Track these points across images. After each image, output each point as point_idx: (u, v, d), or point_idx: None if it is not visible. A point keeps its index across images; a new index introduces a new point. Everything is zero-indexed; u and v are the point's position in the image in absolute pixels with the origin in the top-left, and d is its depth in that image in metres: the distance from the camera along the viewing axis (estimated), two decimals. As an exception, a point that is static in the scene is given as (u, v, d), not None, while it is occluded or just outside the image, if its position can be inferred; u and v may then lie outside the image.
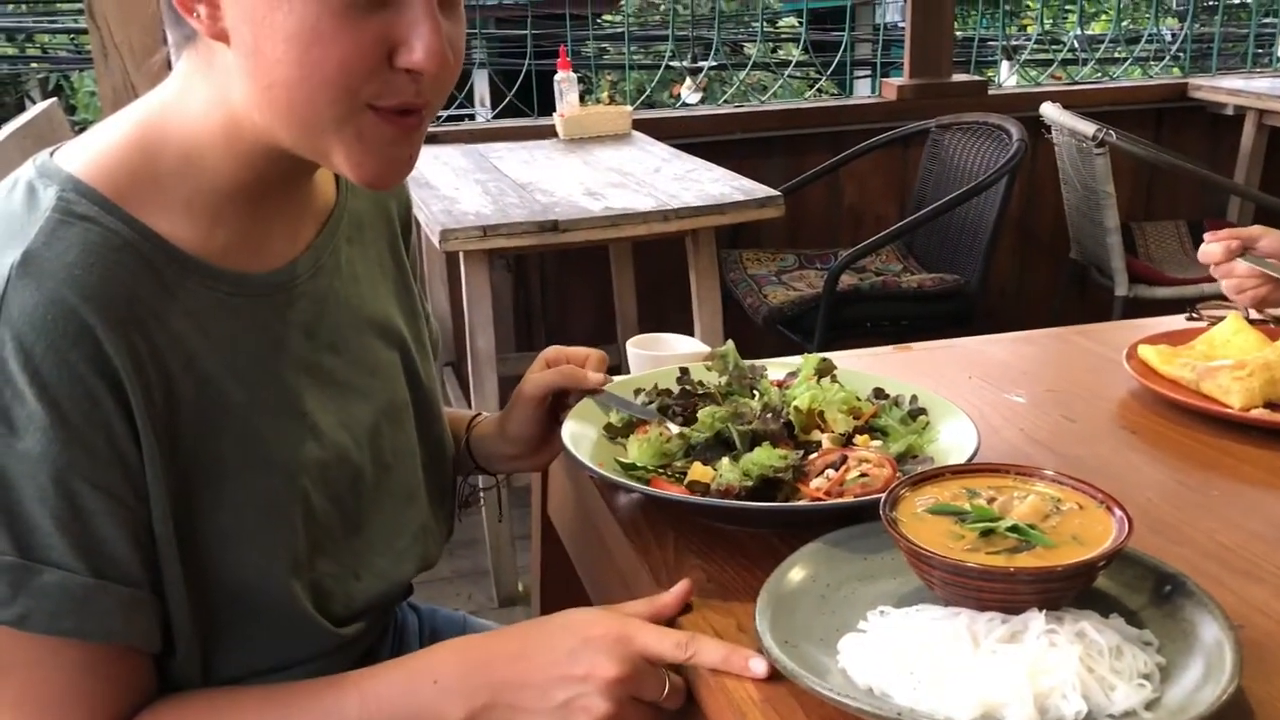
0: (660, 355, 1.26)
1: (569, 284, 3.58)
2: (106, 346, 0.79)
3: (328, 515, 0.95)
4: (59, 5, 7.18)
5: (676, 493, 0.97)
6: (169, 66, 0.89)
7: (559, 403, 1.13)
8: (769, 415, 1.04)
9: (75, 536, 0.79)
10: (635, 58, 5.53)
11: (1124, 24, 5.42)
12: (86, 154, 0.86)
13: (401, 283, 1.09)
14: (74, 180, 0.83)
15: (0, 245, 0.79)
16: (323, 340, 0.96)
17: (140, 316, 0.82)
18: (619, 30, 6.92)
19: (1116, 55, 4.57)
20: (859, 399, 1.10)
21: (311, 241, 0.96)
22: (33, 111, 2.38)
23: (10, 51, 7.75)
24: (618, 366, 1.20)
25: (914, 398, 1.12)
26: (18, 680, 0.81)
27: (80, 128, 0.93)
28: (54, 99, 2.55)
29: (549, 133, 3.37)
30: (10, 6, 6.93)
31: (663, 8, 8.38)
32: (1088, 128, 3.06)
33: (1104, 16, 7.49)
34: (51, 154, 0.86)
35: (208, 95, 0.85)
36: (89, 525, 0.79)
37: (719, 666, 0.81)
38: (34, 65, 8.35)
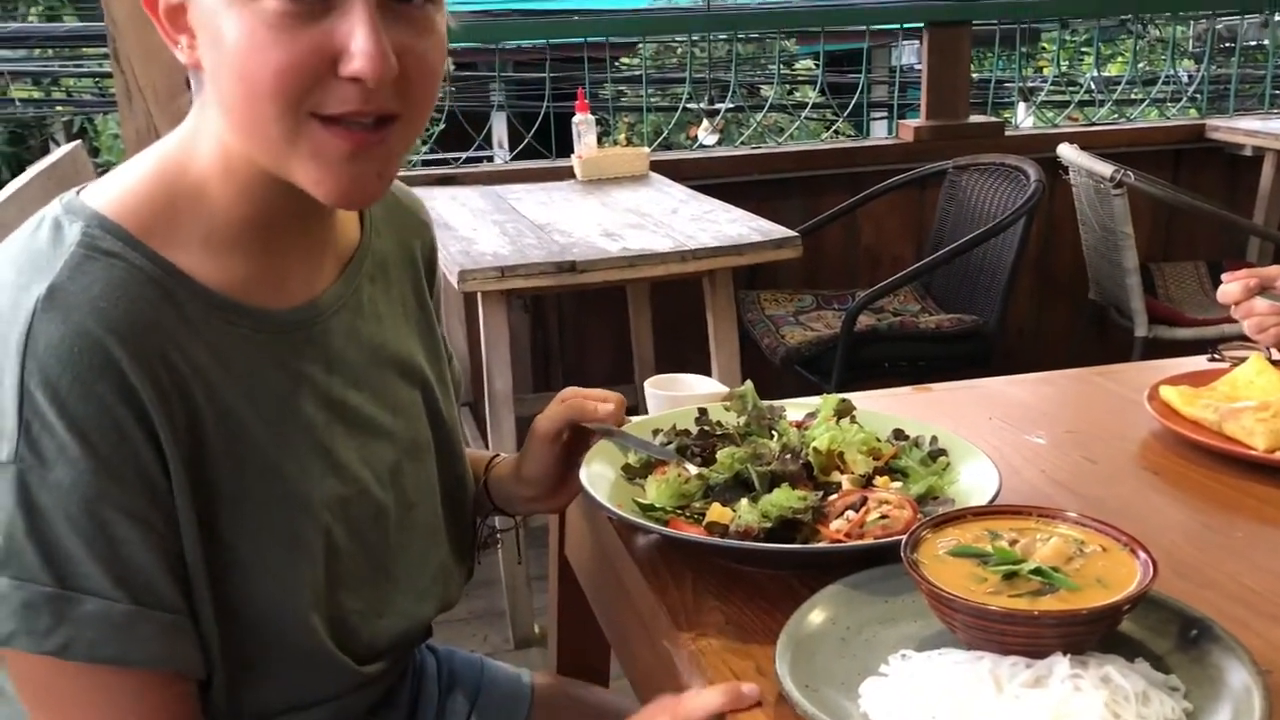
0: (678, 395, 1.26)
1: (586, 324, 3.59)
2: (132, 377, 0.80)
3: (351, 551, 0.95)
4: (84, 50, 7.28)
5: (695, 534, 0.96)
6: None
7: (576, 443, 1.13)
8: (788, 456, 1.04)
9: (111, 564, 0.79)
10: (652, 100, 5.58)
11: (1140, 65, 5.43)
12: (111, 192, 0.87)
13: (425, 323, 1.10)
14: (99, 217, 0.84)
15: (27, 280, 0.80)
16: (344, 377, 0.96)
17: (164, 349, 0.82)
18: (636, 74, 6.98)
19: (1133, 96, 4.58)
20: (878, 440, 1.09)
21: (334, 280, 0.97)
22: (57, 154, 2.41)
23: (36, 95, 7.86)
24: (635, 407, 1.19)
25: (934, 439, 1.11)
26: (64, 712, 0.82)
27: (103, 169, 0.95)
28: (78, 141, 2.58)
29: (567, 174, 3.39)
30: (37, 51, 7.04)
31: (679, 51, 8.45)
32: (1105, 169, 3.06)
33: (1120, 58, 7.52)
34: (78, 192, 0.88)
35: (209, 130, 0.87)
36: (124, 553, 0.80)
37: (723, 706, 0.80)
38: (59, 108, 8.46)
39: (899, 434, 1.13)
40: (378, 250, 1.03)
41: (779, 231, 2.59)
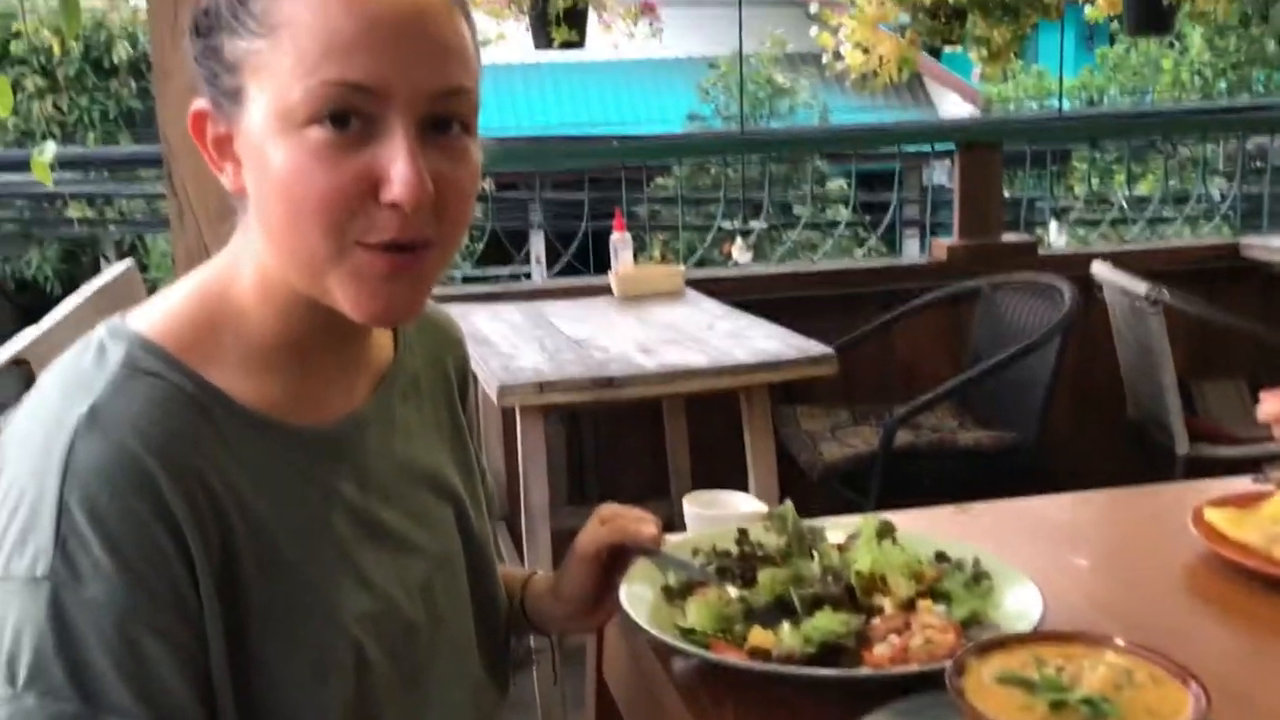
0: (718, 514, 1.26)
1: (622, 439, 3.59)
2: (168, 495, 0.81)
3: (382, 668, 0.95)
4: (139, 172, 7.52)
5: (736, 658, 0.96)
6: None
7: (615, 562, 1.12)
8: (830, 579, 1.03)
9: (139, 684, 0.79)
10: (687, 218, 5.67)
11: (1171, 184, 5.49)
12: (154, 315, 0.90)
13: (457, 439, 1.11)
14: (141, 338, 0.87)
15: (70, 400, 0.83)
16: (376, 494, 0.97)
17: (200, 467, 0.84)
18: (671, 194, 7.11)
19: (1165, 215, 4.61)
20: (920, 562, 1.09)
21: (367, 398, 0.99)
22: (110, 273, 2.48)
23: (90, 215, 8.09)
24: (671, 522, 1.19)
25: (976, 561, 1.11)
26: None
27: (152, 286, 0.99)
28: (130, 261, 2.65)
29: (604, 291, 3.44)
30: (92, 173, 7.27)
31: (713, 171, 8.61)
32: (1140, 287, 3.06)
33: (1151, 176, 7.59)
34: (123, 316, 0.91)
35: (250, 254, 0.90)
36: (152, 672, 0.80)
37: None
38: (111, 227, 8.70)
39: (941, 556, 1.12)
40: (410, 368, 1.05)
41: (815, 348, 2.60)
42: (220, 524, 0.85)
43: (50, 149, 2.17)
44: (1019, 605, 1.03)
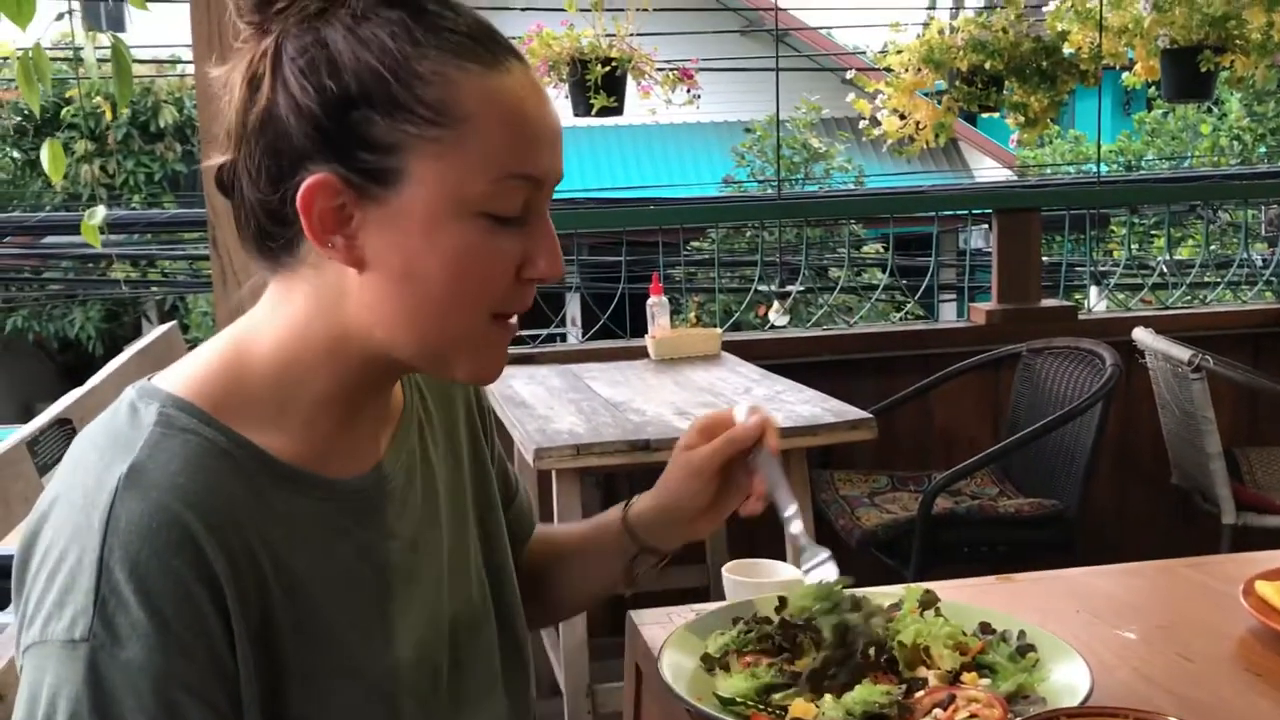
0: (758, 582, 1.25)
1: (658, 503, 3.57)
2: (208, 552, 0.81)
3: (416, 714, 0.94)
4: (182, 235, 7.66)
5: (777, 729, 0.94)
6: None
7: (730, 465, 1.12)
8: (872, 650, 1.01)
9: None
10: (722, 281, 5.69)
11: (1212, 249, 5.45)
12: (182, 375, 0.90)
13: (475, 470, 1.10)
14: (173, 397, 0.87)
15: (109, 460, 0.83)
16: (403, 539, 0.97)
17: (238, 522, 0.84)
18: (707, 257, 7.14)
19: (1207, 280, 4.58)
20: (965, 633, 1.07)
21: (389, 443, 0.99)
22: (153, 335, 2.51)
23: (134, 276, 8.24)
24: (708, 588, 1.18)
25: (1021, 633, 1.09)
26: None
27: (193, 347, 0.99)
28: (173, 322, 2.69)
29: (640, 353, 3.44)
30: (136, 236, 7.42)
31: (748, 234, 8.66)
32: (1183, 353, 3.03)
33: (1191, 241, 7.55)
34: (150, 379, 0.91)
35: (308, 313, 0.89)
36: None
37: None
38: (154, 289, 8.85)
39: (985, 628, 1.10)
40: (421, 407, 1.05)
41: (853, 412, 2.59)
42: (258, 583, 0.85)
43: (100, 213, 2.21)
44: (1066, 679, 1.01)
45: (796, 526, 1.09)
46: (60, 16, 2.16)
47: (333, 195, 0.84)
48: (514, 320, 0.92)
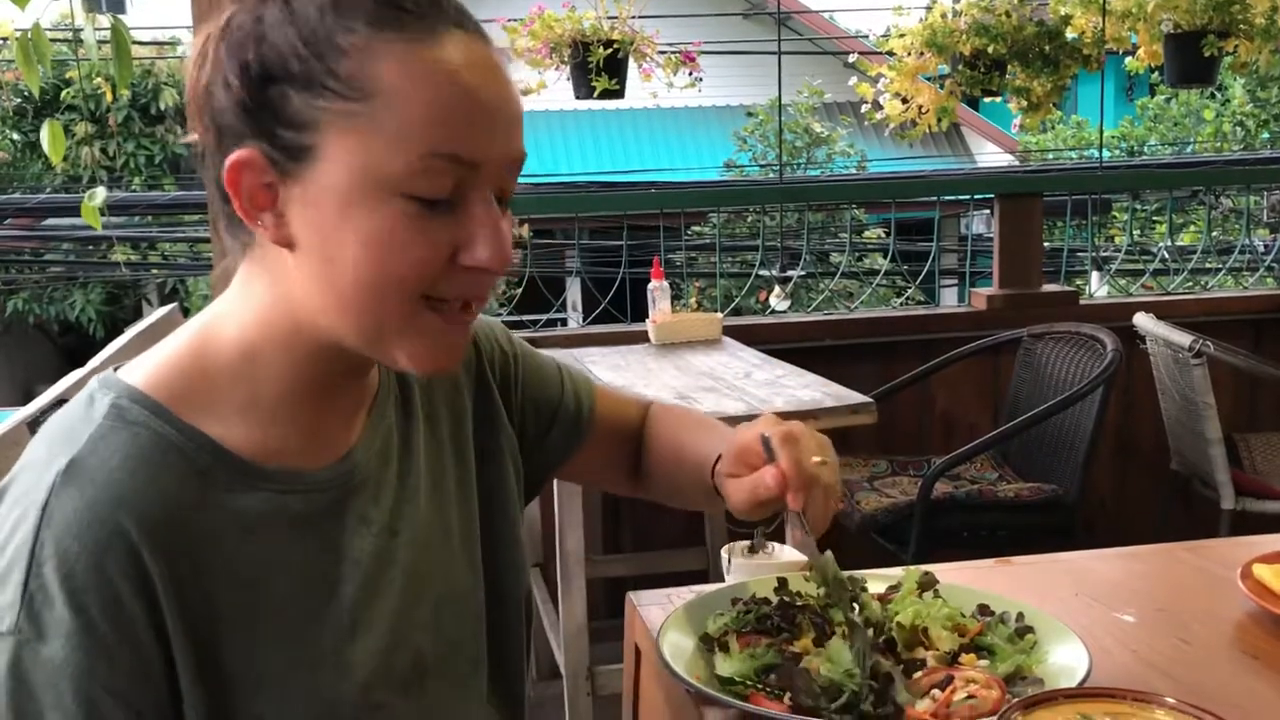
0: (758, 563, 1.25)
1: (658, 487, 3.57)
2: (142, 553, 0.80)
3: (394, 706, 0.93)
4: (182, 217, 7.65)
5: (775, 709, 0.94)
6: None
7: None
8: (870, 630, 1.02)
9: None
10: (723, 265, 5.68)
11: (1214, 235, 5.44)
12: (146, 366, 0.89)
13: (480, 441, 1.09)
14: (130, 389, 0.86)
15: (53, 451, 0.82)
16: (378, 524, 0.95)
17: (180, 521, 0.83)
18: (708, 242, 7.13)
19: (1208, 266, 4.57)
20: (963, 615, 1.07)
21: (363, 427, 0.97)
22: (153, 316, 2.51)
23: (134, 258, 8.23)
24: (707, 570, 1.18)
25: (1020, 615, 1.09)
26: None
27: None
28: (173, 304, 2.69)
29: (641, 338, 3.44)
30: (136, 218, 7.41)
31: (750, 219, 8.65)
32: (1183, 339, 3.03)
33: (1193, 227, 7.54)
34: (115, 369, 0.90)
35: (266, 299, 0.88)
36: None
37: None
38: (154, 271, 8.84)
39: (984, 609, 1.10)
40: (400, 379, 1.03)
41: (853, 397, 2.58)
42: (200, 582, 0.83)
43: (101, 194, 2.21)
44: (1065, 660, 1.01)
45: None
46: (59, -4, 2.15)
47: (258, 172, 0.84)
48: (467, 308, 0.88)
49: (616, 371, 2.99)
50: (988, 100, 3.95)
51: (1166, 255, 4.80)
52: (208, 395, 0.87)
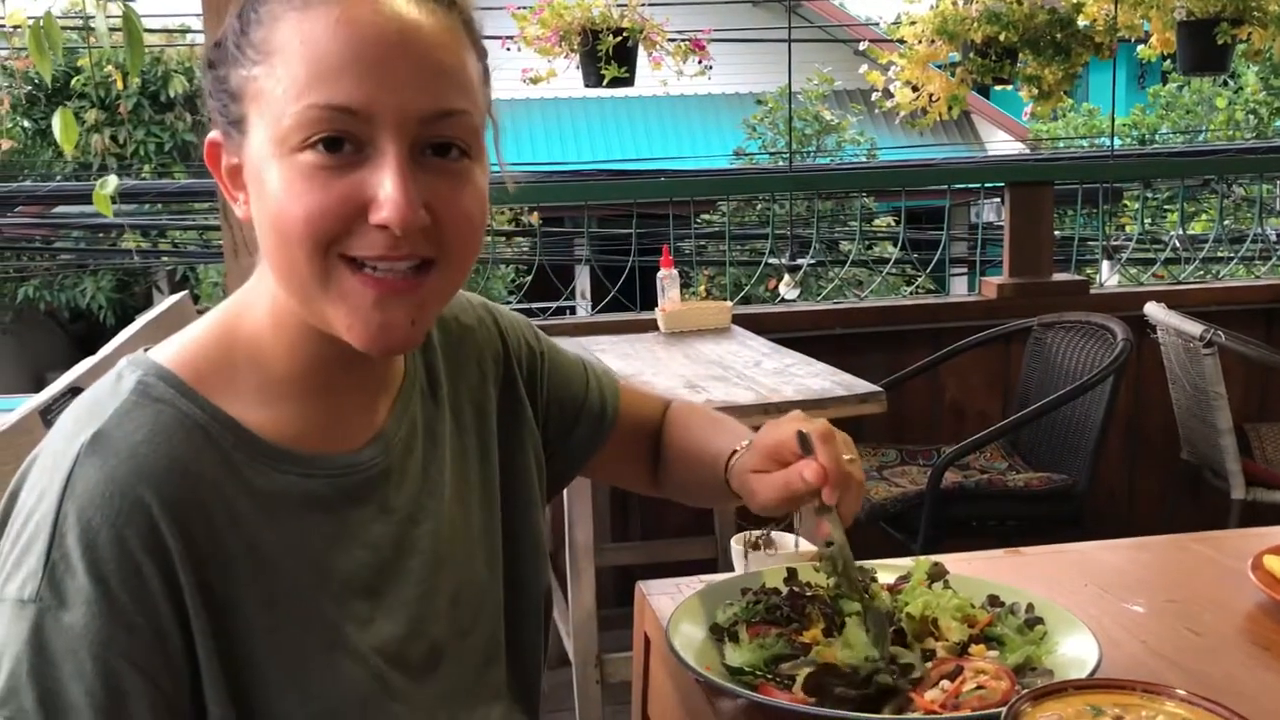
0: (767, 554, 1.25)
1: (667, 475, 3.58)
2: (161, 526, 0.81)
3: (409, 693, 0.94)
4: (193, 205, 7.66)
5: (784, 700, 0.94)
6: None
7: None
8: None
9: (107, 717, 0.78)
10: (733, 254, 5.67)
11: (1226, 224, 5.42)
12: (174, 346, 0.91)
13: (503, 434, 1.09)
14: (158, 367, 0.88)
15: (80, 425, 0.84)
16: (400, 513, 0.96)
17: (202, 499, 0.84)
18: (717, 230, 7.12)
19: (1220, 255, 4.55)
20: (973, 606, 1.07)
21: (388, 414, 0.97)
22: (165, 304, 2.52)
23: (145, 245, 8.24)
24: (716, 560, 1.18)
25: (1030, 606, 1.09)
26: None
27: (203, 315, 0.99)
28: (184, 292, 2.69)
29: (650, 326, 3.44)
30: (147, 206, 7.41)
31: (759, 207, 8.63)
32: (1194, 328, 3.02)
33: (1205, 216, 7.50)
34: (146, 349, 0.91)
35: (264, 286, 0.90)
36: (124, 710, 0.79)
37: None
38: (164, 259, 8.85)
39: (994, 600, 1.10)
40: (430, 368, 1.04)
41: (863, 386, 2.58)
42: (220, 558, 0.84)
43: (112, 182, 2.21)
44: (1075, 651, 1.01)
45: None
46: (71, -16, 2.15)
47: (223, 152, 0.89)
48: (388, 277, 0.84)
49: (625, 360, 2.99)
50: (998, 88, 3.93)
51: (1178, 244, 4.78)
52: (230, 377, 0.89)
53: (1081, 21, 3.72)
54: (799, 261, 4.51)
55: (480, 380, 1.09)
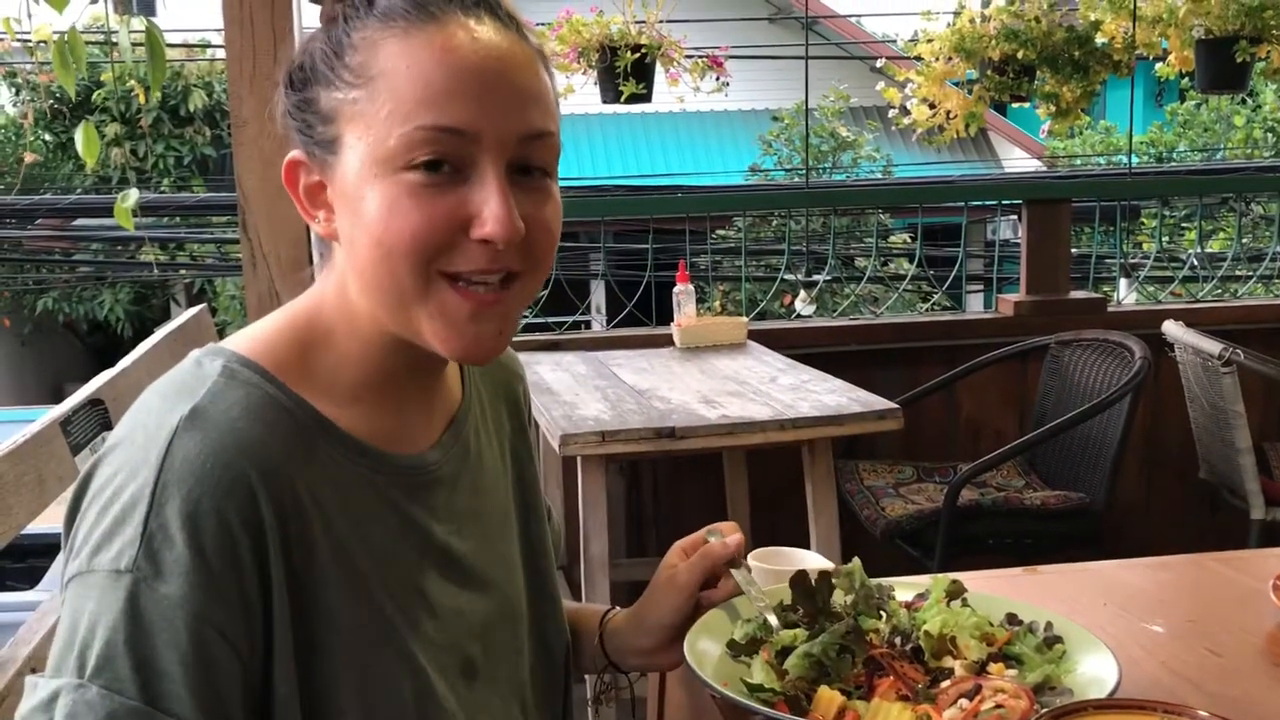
0: (783, 570, 1.25)
1: (682, 490, 3.58)
2: (259, 499, 0.83)
3: (446, 703, 0.95)
4: (211, 218, 7.71)
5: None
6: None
7: (702, 592, 1.15)
8: (898, 639, 1.01)
9: (200, 689, 0.79)
10: (748, 269, 5.67)
11: (1244, 242, 5.39)
12: (248, 337, 0.94)
13: (521, 475, 1.13)
14: (238, 355, 0.90)
15: (172, 404, 0.85)
16: (449, 527, 0.99)
17: (291, 475, 0.86)
18: (733, 245, 7.12)
19: (1238, 273, 4.53)
20: (991, 624, 1.06)
21: (443, 432, 1.01)
22: (184, 316, 2.53)
23: (163, 258, 8.29)
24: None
25: (1049, 624, 1.08)
26: None
27: (221, 329, 1.01)
28: (203, 305, 2.71)
29: (665, 341, 3.44)
30: (165, 219, 7.47)
31: (774, 223, 8.63)
32: (1213, 346, 3.00)
33: (1223, 234, 7.47)
34: (215, 342, 0.94)
35: (331, 292, 0.94)
36: (214, 679, 0.80)
37: None
38: (182, 271, 8.90)
39: (1012, 618, 1.10)
40: (478, 404, 1.08)
41: (879, 403, 2.58)
42: (305, 535, 0.86)
43: (133, 196, 2.23)
44: (1094, 671, 1.00)
45: (774, 622, 1.08)
46: (94, 0, 2.17)
47: (306, 171, 0.91)
48: (488, 291, 0.89)
49: (641, 375, 2.99)
50: (1016, 105, 3.93)
51: (1196, 262, 4.76)
52: (304, 369, 0.92)
53: (1099, 39, 3.71)
54: (814, 277, 4.51)
55: (510, 418, 1.14)
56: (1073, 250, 3.99)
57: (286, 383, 0.90)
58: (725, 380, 2.89)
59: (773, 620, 1.07)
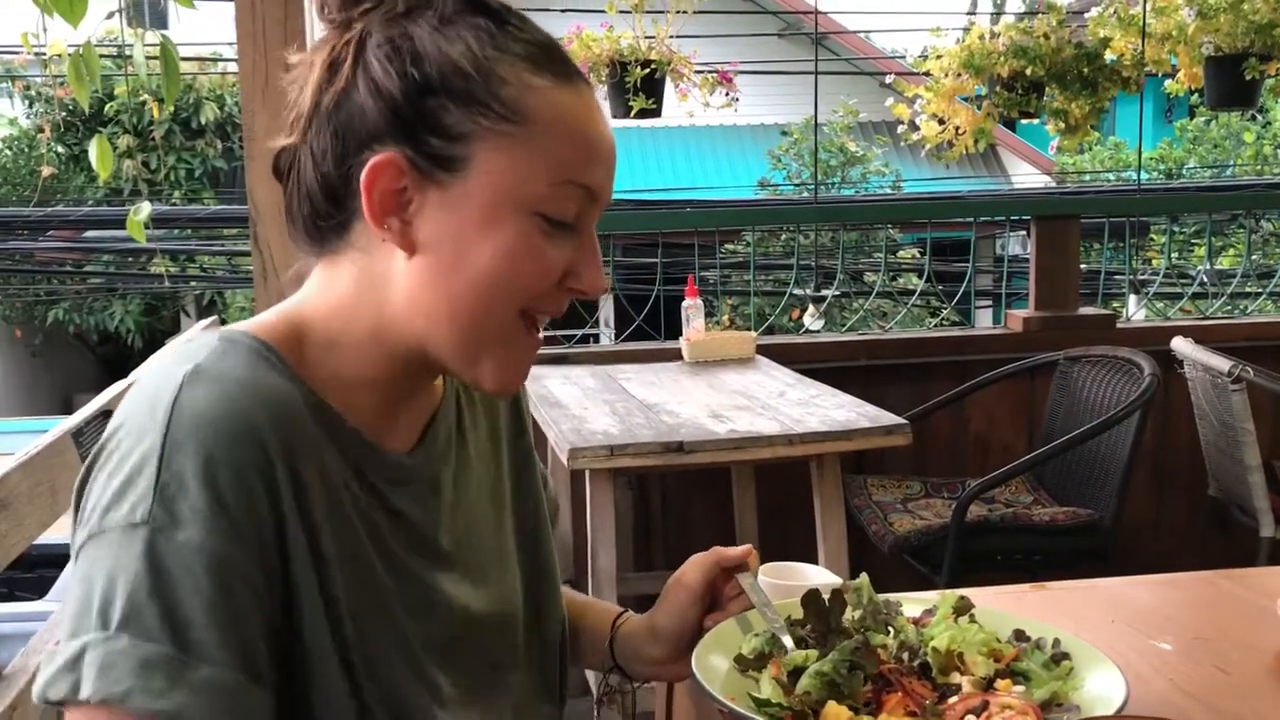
0: (792, 585, 1.25)
1: (690, 504, 3.58)
2: (270, 446, 0.82)
3: (450, 695, 0.95)
4: (222, 230, 7.74)
5: (810, 732, 0.94)
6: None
7: (712, 606, 1.15)
8: (905, 654, 1.02)
9: (227, 633, 0.79)
10: (757, 284, 5.68)
11: (1254, 258, 5.38)
12: (246, 324, 0.94)
13: (514, 469, 1.12)
14: (235, 329, 0.91)
15: (175, 366, 0.85)
16: (432, 524, 0.98)
17: (302, 431, 0.86)
18: (742, 260, 7.13)
19: (1248, 290, 4.52)
20: (999, 640, 1.06)
21: (425, 431, 1.01)
22: (195, 329, 2.55)
23: (174, 270, 8.32)
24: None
25: (1056, 641, 1.08)
26: None
27: None
28: (214, 316, 2.72)
29: (674, 355, 3.45)
30: (176, 231, 7.50)
31: (783, 237, 8.64)
32: (1223, 364, 3.00)
33: (1232, 250, 7.46)
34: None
35: (349, 298, 0.92)
36: (241, 623, 0.80)
37: None
38: (193, 283, 8.93)
39: (1020, 635, 1.10)
40: (457, 405, 1.07)
41: (888, 418, 2.58)
42: (314, 493, 0.86)
43: (146, 208, 2.24)
44: (1101, 688, 1.00)
45: (787, 641, 1.07)
46: (110, 15, 2.19)
47: (396, 176, 0.88)
48: (541, 332, 0.95)
49: (650, 389, 3.00)
50: (1024, 121, 3.94)
51: (1205, 279, 4.76)
52: (301, 359, 0.91)
53: (1109, 56, 3.72)
54: (823, 292, 4.52)
55: (498, 413, 1.13)
56: (1082, 266, 3.99)
57: (284, 359, 0.90)
58: (734, 395, 2.90)
59: (787, 641, 1.06)
